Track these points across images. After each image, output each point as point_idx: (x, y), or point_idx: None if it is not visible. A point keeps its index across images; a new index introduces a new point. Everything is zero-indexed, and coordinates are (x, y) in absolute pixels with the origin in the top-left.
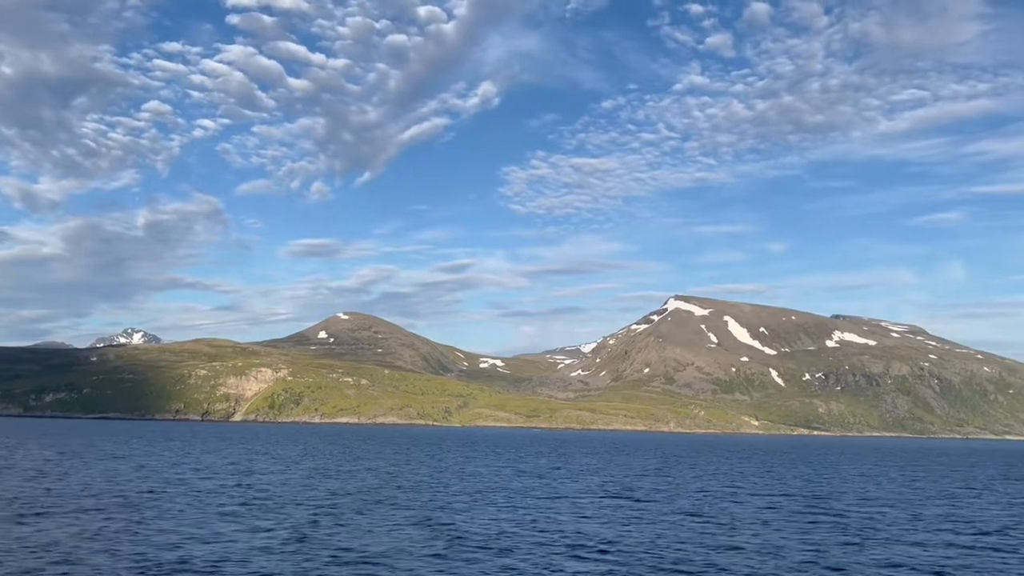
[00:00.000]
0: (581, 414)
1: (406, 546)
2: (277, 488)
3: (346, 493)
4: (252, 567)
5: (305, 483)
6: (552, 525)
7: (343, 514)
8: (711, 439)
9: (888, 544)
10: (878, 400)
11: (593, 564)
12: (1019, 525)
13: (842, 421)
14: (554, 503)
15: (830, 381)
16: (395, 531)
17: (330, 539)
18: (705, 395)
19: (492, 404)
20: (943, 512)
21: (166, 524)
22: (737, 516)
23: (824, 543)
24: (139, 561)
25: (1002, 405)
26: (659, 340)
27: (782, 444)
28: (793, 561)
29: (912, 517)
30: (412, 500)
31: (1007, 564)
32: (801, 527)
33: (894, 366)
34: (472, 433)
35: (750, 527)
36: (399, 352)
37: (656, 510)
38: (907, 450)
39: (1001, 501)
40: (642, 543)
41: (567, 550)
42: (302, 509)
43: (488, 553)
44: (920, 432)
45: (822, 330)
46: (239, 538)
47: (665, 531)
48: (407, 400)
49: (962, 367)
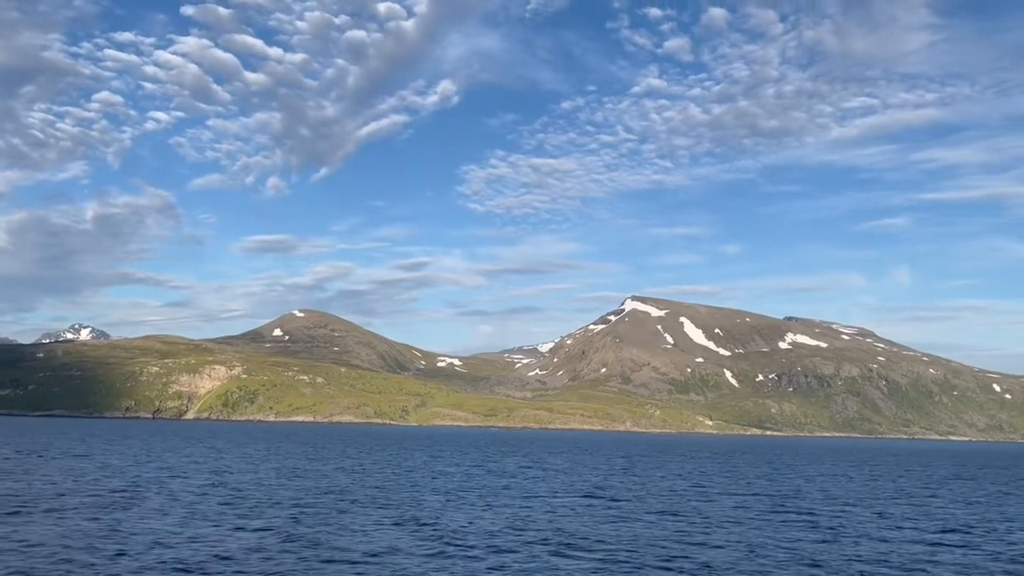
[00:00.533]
0: (539, 413)
1: (399, 545)
2: (253, 488)
3: (323, 492)
4: (253, 567)
5: (278, 482)
6: (534, 524)
7: (329, 514)
8: (668, 439)
9: (859, 541)
10: (829, 401)
11: (582, 563)
12: (980, 523)
13: (794, 421)
14: (531, 502)
15: (782, 382)
16: (382, 530)
17: (323, 538)
18: (661, 395)
19: (450, 403)
20: (906, 510)
21: (154, 524)
22: (710, 515)
23: (800, 540)
24: (135, 561)
25: (947, 406)
26: (616, 340)
27: (739, 444)
28: (775, 559)
29: (878, 515)
30: (390, 499)
31: (970, 559)
32: (774, 525)
33: (844, 368)
34: (431, 432)
35: (724, 526)
36: (356, 350)
37: (631, 509)
38: (859, 450)
39: (958, 500)
40: (623, 541)
41: (555, 548)
42: (283, 508)
43: (481, 551)
44: (868, 432)
45: (775, 332)
46: (230, 538)
47: (643, 530)
48: (364, 399)
49: (909, 369)
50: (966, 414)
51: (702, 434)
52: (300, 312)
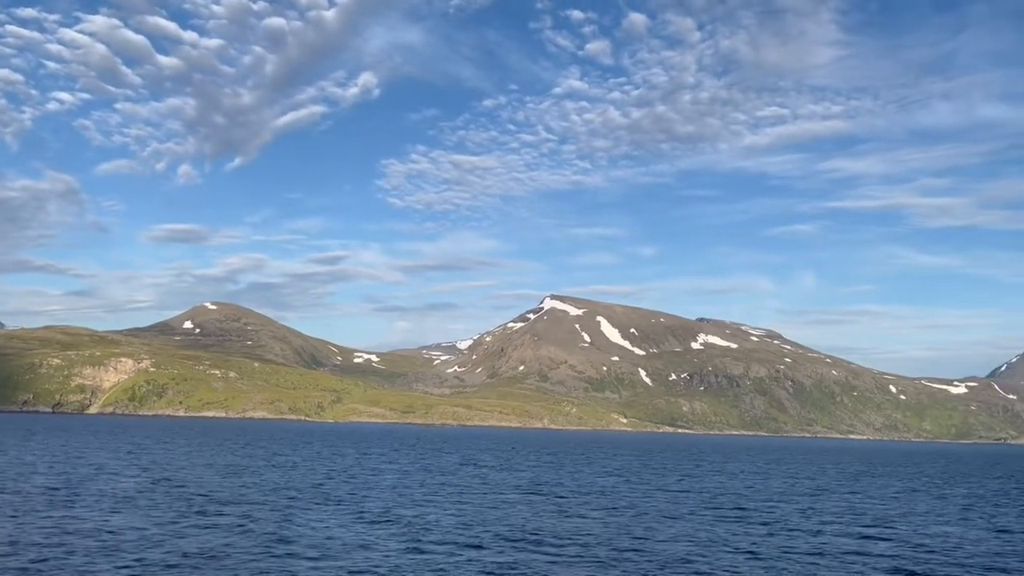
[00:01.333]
0: (457, 410)
1: (371, 541)
2: (195, 485)
3: (270, 489)
4: (251, 566)
5: (220, 480)
6: (499, 519)
7: (285, 511)
8: (585, 436)
9: (792, 534)
10: (738, 400)
11: (547, 556)
12: (899, 517)
13: (704, 420)
14: (486, 498)
15: (694, 381)
16: (357, 526)
17: (291, 535)
18: (577, 393)
19: (367, 399)
20: (828, 505)
21: (116, 522)
22: (650, 510)
23: (738, 534)
24: (127, 561)
25: (847, 407)
26: (535, 338)
27: (655, 441)
28: (719, 552)
29: (805, 509)
30: (341, 496)
31: (897, 551)
32: (711, 520)
33: (753, 368)
34: (351, 429)
35: (666, 520)
36: (270, 345)
37: (579, 503)
38: (771, 448)
39: (873, 496)
40: (579, 534)
41: (530, 542)
42: (239, 506)
43: (458, 547)
44: (775, 431)
45: (688, 332)
46: (204, 535)
47: (595, 525)
48: (278, 394)
49: (813, 370)
50: (864, 414)
51: (617, 431)
52: (212, 305)
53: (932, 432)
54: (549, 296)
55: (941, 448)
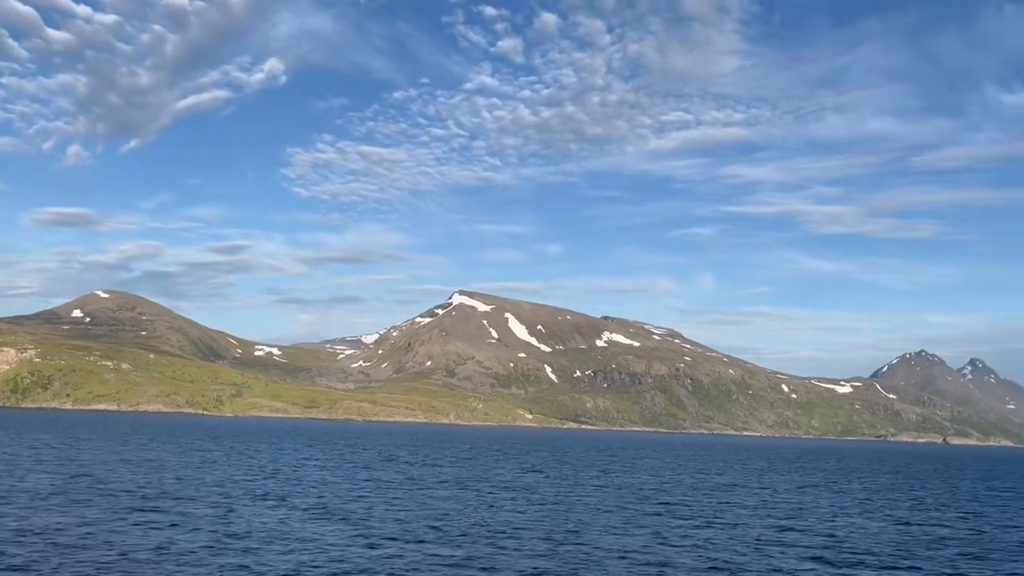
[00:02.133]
0: (362, 405)
1: (325, 536)
2: (122, 481)
3: (208, 485)
4: (211, 562)
5: (149, 477)
6: (437, 515)
7: (245, 506)
8: (493, 431)
9: (712, 523)
10: (639, 397)
11: (504, 548)
12: (810, 509)
13: (607, 416)
14: (416, 493)
15: (598, 378)
16: (303, 522)
17: (255, 531)
18: (484, 389)
19: (268, 394)
20: (744, 498)
21: (51, 520)
22: (583, 503)
23: (671, 526)
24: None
25: (743, 404)
26: (443, 334)
27: (566, 437)
28: (660, 541)
29: (723, 503)
30: (284, 492)
31: (813, 540)
32: (640, 513)
33: (654, 366)
34: (253, 424)
35: (602, 513)
36: (166, 336)
37: (508, 498)
38: (674, 444)
39: (780, 490)
40: (518, 527)
41: (471, 536)
42: (189, 504)
43: (407, 542)
44: (674, 428)
45: (593, 330)
46: (157, 535)
47: (526, 518)
48: (174, 387)
49: (711, 369)
50: (758, 411)
51: (522, 427)
52: (104, 293)
53: (820, 429)
54: (458, 292)
55: (829, 445)
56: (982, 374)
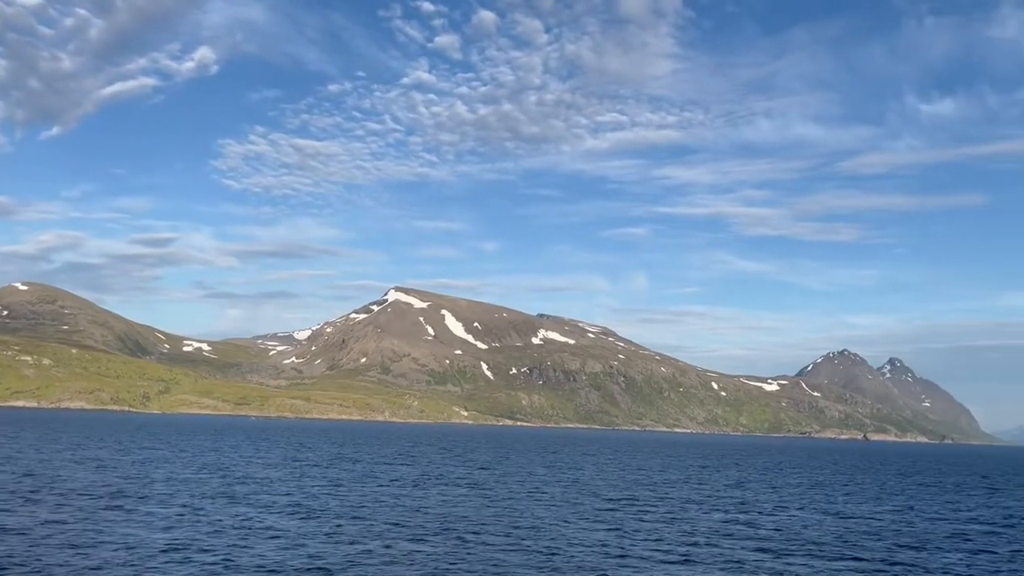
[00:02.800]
0: (295, 402)
1: (315, 532)
2: (73, 481)
3: (163, 482)
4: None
5: (96, 474)
6: (411, 509)
7: (212, 501)
8: (431, 429)
9: (665, 518)
10: (574, 394)
11: (474, 542)
12: (752, 503)
13: (542, 413)
14: (388, 489)
15: (533, 375)
16: (287, 520)
17: (244, 525)
18: (420, 386)
19: (197, 390)
20: (690, 494)
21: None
22: (534, 499)
23: (624, 519)
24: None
25: (674, 402)
26: (378, 330)
27: (505, 435)
28: (617, 533)
29: (664, 496)
30: (246, 489)
31: (760, 532)
32: (596, 508)
33: (589, 364)
34: (184, 421)
35: (554, 507)
36: (89, 330)
37: (464, 494)
38: (610, 440)
39: (721, 485)
40: (481, 523)
41: (440, 532)
42: (159, 500)
43: (391, 533)
44: (607, 424)
45: (529, 328)
46: (143, 533)
47: (484, 512)
48: (99, 383)
49: (644, 367)
50: (689, 408)
51: (457, 424)
52: (23, 285)
53: (748, 426)
54: (394, 288)
55: (758, 441)
56: (900, 373)
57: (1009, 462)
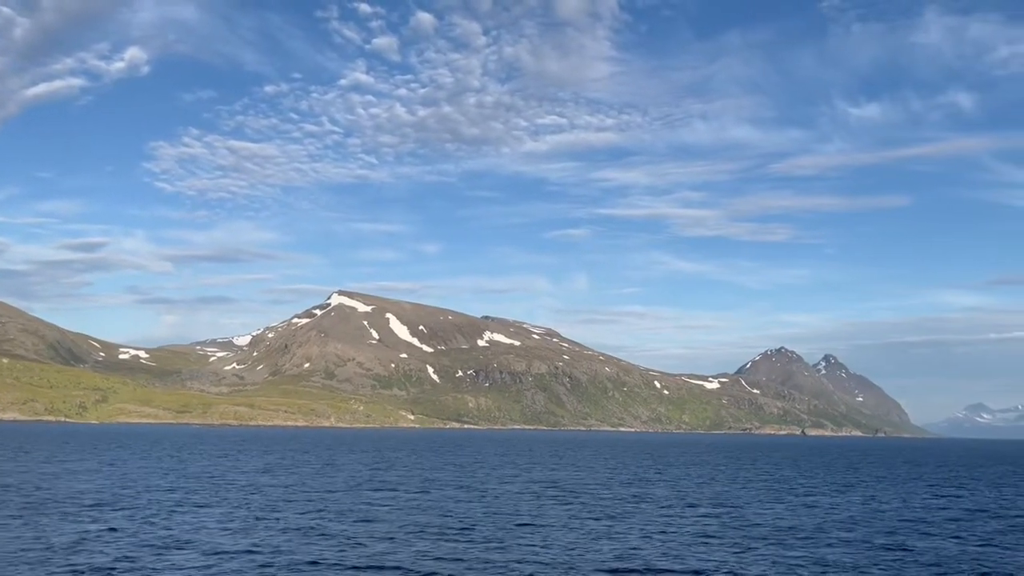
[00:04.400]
0: (238, 409)
1: (272, 541)
2: (43, 489)
3: (136, 493)
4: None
5: (63, 482)
6: (395, 511)
7: (186, 512)
8: (380, 434)
9: (644, 521)
10: (520, 396)
11: (459, 542)
12: (728, 495)
13: (489, 415)
14: (351, 496)
15: (480, 378)
16: (254, 529)
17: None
18: (365, 390)
19: (136, 399)
20: (659, 492)
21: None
22: (509, 500)
23: (596, 518)
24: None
25: (618, 401)
26: (321, 335)
27: (456, 438)
28: (588, 534)
29: (638, 494)
30: (220, 498)
31: (737, 523)
32: (559, 504)
33: (535, 365)
34: (126, 431)
35: (530, 509)
36: (20, 338)
37: (440, 498)
38: (561, 441)
39: (686, 482)
40: (463, 524)
41: (453, 531)
42: (132, 510)
43: (403, 540)
44: (553, 425)
45: (475, 330)
46: (112, 549)
47: (487, 513)
48: (32, 393)
49: (588, 367)
50: (633, 408)
51: (404, 428)
52: None
53: (690, 424)
54: (337, 292)
55: (703, 439)
56: (835, 369)
57: (943, 453)
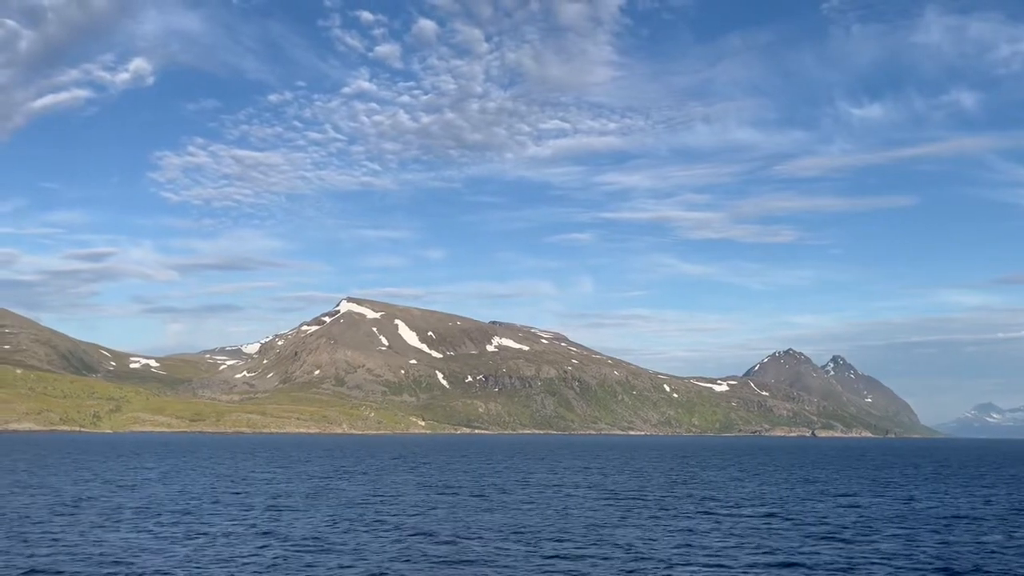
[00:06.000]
0: (251, 417)
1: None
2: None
3: (196, 499)
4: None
5: (108, 492)
6: (449, 518)
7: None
8: (393, 440)
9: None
10: (530, 400)
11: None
12: (779, 496)
13: (499, 420)
14: (408, 499)
15: (489, 383)
16: (251, 538)
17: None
18: (375, 397)
19: (149, 408)
20: (698, 492)
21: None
22: (584, 506)
23: (641, 516)
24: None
25: (627, 405)
26: (331, 342)
27: (473, 443)
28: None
29: (692, 495)
30: (216, 511)
31: (779, 525)
32: (654, 508)
33: (544, 369)
34: (142, 440)
35: (570, 512)
36: (32, 349)
37: (499, 503)
38: (576, 445)
39: (725, 483)
40: (529, 529)
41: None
42: (157, 515)
43: (443, 541)
44: (563, 429)
45: (483, 335)
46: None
47: (548, 519)
48: (46, 403)
49: (597, 371)
50: (642, 411)
51: (416, 434)
52: None
53: (700, 427)
54: (346, 299)
55: (717, 442)
56: (843, 370)
57: (961, 453)
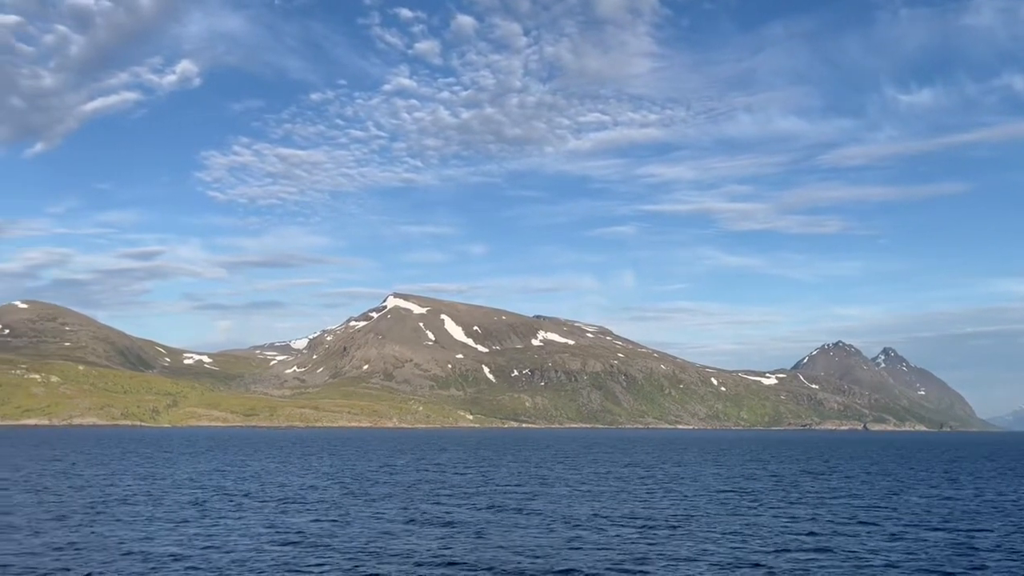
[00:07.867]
0: (304, 411)
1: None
2: (256, 495)
3: (299, 490)
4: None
5: (163, 488)
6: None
7: (357, 509)
8: (444, 433)
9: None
10: (576, 394)
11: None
12: (850, 491)
13: (546, 414)
14: (465, 498)
15: (535, 377)
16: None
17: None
18: (423, 391)
19: (205, 403)
20: (820, 485)
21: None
22: (674, 499)
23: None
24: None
25: (675, 399)
26: (379, 337)
27: (529, 438)
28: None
29: (787, 491)
30: (386, 497)
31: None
32: (717, 503)
33: (589, 363)
34: (203, 434)
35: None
36: (92, 346)
37: (594, 492)
38: (627, 440)
39: (803, 478)
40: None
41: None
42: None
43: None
44: (610, 423)
45: (528, 329)
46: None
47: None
48: (108, 399)
49: (644, 365)
50: (690, 405)
51: (464, 428)
52: (23, 303)
53: (748, 420)
54: (392, 295)
55: (770, 435)
56: (895, 363)
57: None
